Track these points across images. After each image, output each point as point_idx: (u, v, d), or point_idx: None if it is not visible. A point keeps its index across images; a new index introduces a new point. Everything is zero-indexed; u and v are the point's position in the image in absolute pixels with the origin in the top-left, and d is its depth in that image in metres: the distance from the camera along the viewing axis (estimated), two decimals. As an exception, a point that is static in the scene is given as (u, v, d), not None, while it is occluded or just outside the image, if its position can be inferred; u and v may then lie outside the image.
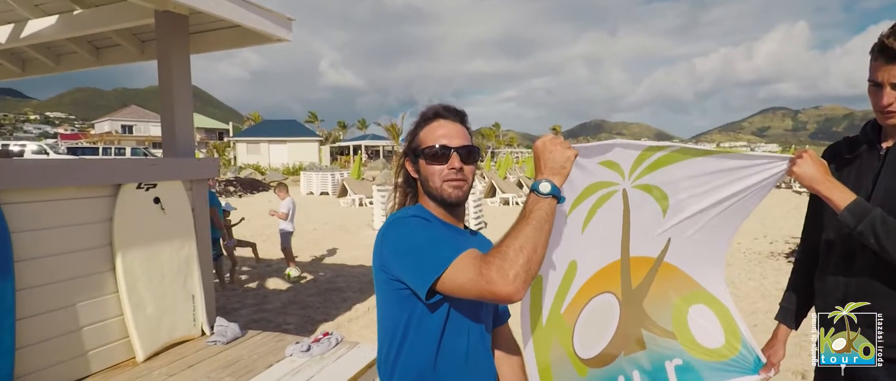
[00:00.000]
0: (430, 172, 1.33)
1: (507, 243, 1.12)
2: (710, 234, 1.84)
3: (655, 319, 1.87)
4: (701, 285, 1.92)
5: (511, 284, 1.07)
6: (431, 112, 1.38)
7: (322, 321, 5.39)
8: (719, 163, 1.66)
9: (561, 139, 1.30)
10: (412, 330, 1.28)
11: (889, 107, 1.46)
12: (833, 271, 1.66)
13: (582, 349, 1.71)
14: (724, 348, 1.92)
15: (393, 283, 1.26)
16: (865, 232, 1.42)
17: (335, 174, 23.69)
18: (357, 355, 2.94)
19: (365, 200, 17.41)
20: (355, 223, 13.00)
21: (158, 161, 3.16)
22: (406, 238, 1.24)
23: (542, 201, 1.19)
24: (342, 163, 43.71)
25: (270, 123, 51.94)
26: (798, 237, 8.05)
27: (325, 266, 8.06)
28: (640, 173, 1.64)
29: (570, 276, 1.64)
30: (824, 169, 1.52)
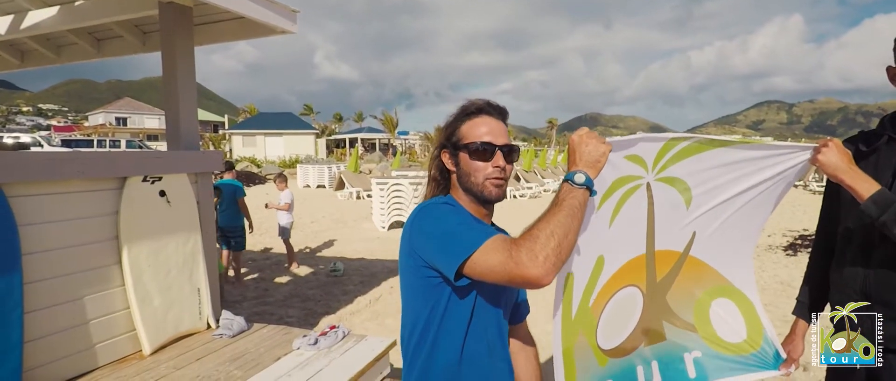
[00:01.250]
0: (473, 167, 1.33)
1: (539, 227, 1.13)
2: (736, 226, 1.83)
3: (678, 312, 1.88)
4: (727, 278, 1.92)
5: (541, 266, 1.07)
6: (475, 106, 1.38)
7: (324, 314, 5.39)
8: (741, 153, 1.65)
9: (596, 134, 1.31)
10: (438, 318, 1.30)
11: None
12: (851, 263, 1.66)
13: (604, 341, 1.72)
14: (746, 342, 1.92)
15: (422, 270, 1.27)
16: (889, 223, 1.42)
17: (332, 167, 23.63)
18: (365, 348, 2.94)
19: (363, 193, 17.39)
20: (353, 217, 12.98)
21: (164, 154, 3.14)
22: (436, 221, 1.26)
23: (576, 191, 1.20)
24: (338, 156, 43.60)
25: (266, 116, 51.69)
26: (795, 231, 8.08)
27: (324, 259, 8.06)
28: (663, 166, 1.63)
29: (597, 270, 1.65)
30: (849, 158, 1.51)
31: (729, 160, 1.66)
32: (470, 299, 1.30)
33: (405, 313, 1.37)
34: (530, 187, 18.78)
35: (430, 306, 1.30)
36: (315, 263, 7.82)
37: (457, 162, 1.36)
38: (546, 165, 25.70)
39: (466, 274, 1.18)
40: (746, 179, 1.69)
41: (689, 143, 1.61)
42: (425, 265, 1.26)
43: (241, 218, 6.64)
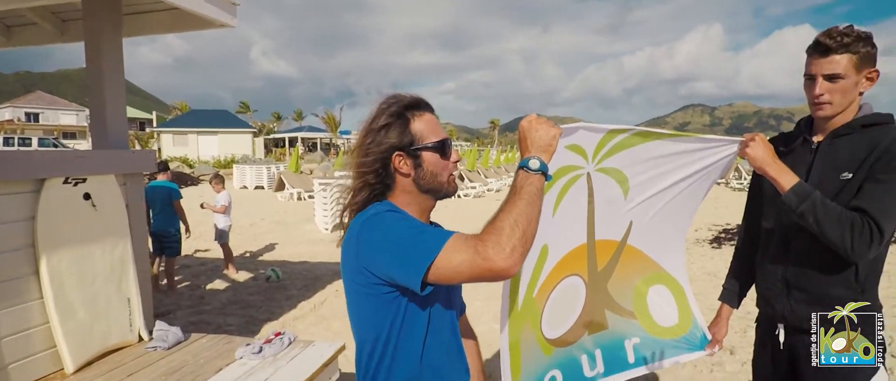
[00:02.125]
0: (440, 166, 1.29)
1: (501, 218, 1.10)
2: (670, 216, 1.92)
3: (618, 300, 1.95)
4: (661, 266, 2.01)
5: (509, 258, 1.05)
6: (416, 102, 1.30)
7: (266, 320, 5.18)
8: (676, 145, 1.75)
9: (545, 119, 1.31)
10: (396, 335, 1.24)
11: (820, 98, 1.60)
12: (773, 254, 1.79)
13: (549, 330, 1.76)
14: (678, 326, 2.03)
15: (375, 287, 1.20)
16: (806, 213, 1.53)
17: (271, 167, 22.85)
18: (313, 354, 2.84)
19: (304, 194, 16.93)
20: (295, 218, 12.60)
21: (88, 154, 2.89)
22: (388, 232, 1.18)
23: (533, 177, 1.18)
24: (278, 155, 42.26)
25: (199, 113, 49.26)
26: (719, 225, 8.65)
27: (265, 263, 7.76)
28: (603, 157, 1.70)
29: (542, 260, 1.68)
30: (773, 152, 1.63)
31: (664, 152, 1.76)
32: (427, 309, 1.26)
33: (358, 332, 1.30)
34: (474, 187, 18.98)
35: (387, 322, 1.23)
36: (255, 267, 7.52)
37: (418, 164, 1.27)
38: (489, 165, 26.05)
39: (432, 281, 1.12)
40: (680, 170, 1.79)
41: (627, 135, 1.68)
42: (379, 282, 1.19)
43: (176, 222, 6.29)
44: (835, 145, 1.65)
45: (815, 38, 1.61)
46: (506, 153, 36.29)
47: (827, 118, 1.65)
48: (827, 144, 1.67)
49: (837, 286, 1.64)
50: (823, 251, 1.59)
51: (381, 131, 1.27)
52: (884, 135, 1.57)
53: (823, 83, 1.59)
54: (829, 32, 1.58)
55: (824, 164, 1.64)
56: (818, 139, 1.70)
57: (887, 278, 6.09)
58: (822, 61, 1.58)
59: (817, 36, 1.61)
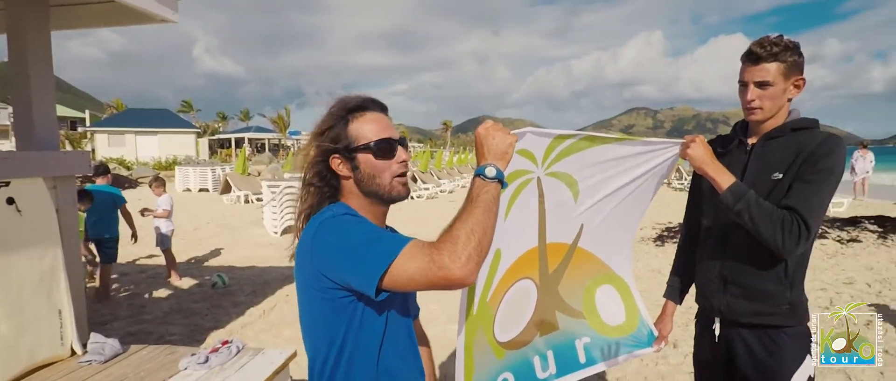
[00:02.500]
0: (378, 168, 1.25)
1: (457, 226, 1.09)
2: (619, 218, 1.98)
3: (568, 301, 1.98)
4: (609, 266, 2.07)
5: (464, 267, 1.05)
6: (358, 103, 1.28)
7: (212, 328, 4.98)
8: (622, 149, 1.81)
9: (501, 125, 1.30)
10: (352, 340, 1.22)
11: (751, 103, 1.69)
12: (711, 250, 1.88)
13: (501, 334, 1.78)
14: (625, 324, 2.09)
15: (330, 292, 1.18)
16: (742, 211, 1.62)
17: (216, 169, 22.00)
18: (262, 362, 2.75)
19: (252, 196, 16.41)
20: (242, 222, 12.19)
21: (11, 155, 2.68)
22: (343, 237, 1.16)
23: (489, 185, 1.18)
24: (223, 157, 40.77)
25: (137, 112, 46.80)
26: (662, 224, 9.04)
27: (211, 269, 7.46)
28: (552, 161, 1.73)
29: (495, 264, 1.70)
30: (711, 153, 1.72)
31: (611, 156, 1.81)
32: (383, 315, 1.24)
33: (311, 341, 1.27)
34: (427, 188, 18.98)
35: (342, 328, 1.21)
36: (200, 273, 7.21)
37: (355, 166, 1.26)
38: (442, 167, 26.13)
39: (386, 287, 1.11)
40: (627, 173, 1.85)
41: (575, 140, 1.72)
42: (334, 286, 1.17)
43: (115, 228, 5.97)
44: (767, 147, 1.75)
45: (748, 47, 1.71)
46: (458, 154, 36.51)
47: (759, 122, 1.75)
48: (760, 146, 1.76)
49: (769, 281, 1.73)
50: (757, 248, 1.68)
51: (322, 134, 1.28)
52: (810, 139, 1.68)
53: (755, 89, 1.68)
54: (761, 42, 1.68)
55: (758, 165, 1.74)
56: (752, 142, 1.79)
57: (812, 272, 6.53)
58: (754, 69, 1.67)
59: (750, 45, 1.70)
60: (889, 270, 6.55)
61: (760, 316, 1.75)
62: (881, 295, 5.50)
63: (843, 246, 7.97)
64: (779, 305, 1.73)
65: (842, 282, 6.03)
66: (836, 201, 11.93)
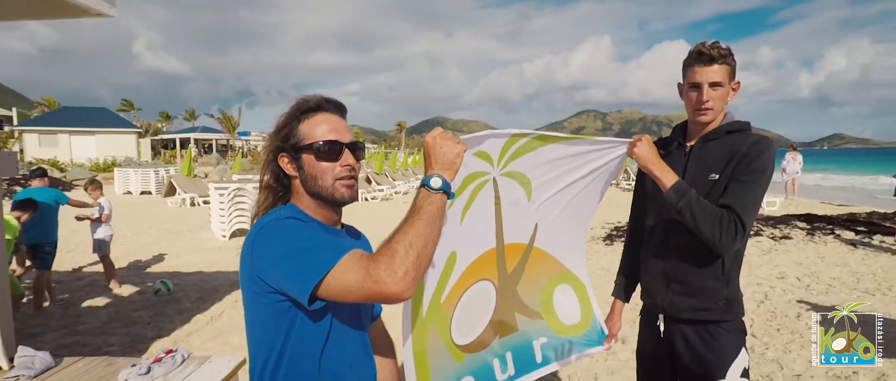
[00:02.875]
0: (320, 170, 1.24)
1: (396, 239, 1.08)
2: (572, 216, 2.01)
3: (527, 302, 1.99)
4: (565, 265, 2.09)
5: (400, 282, 1.03)
6: (312, 103, 1.27)
7: (155, 337, 4.75)
8: (572, 148, 1.85)
9: (450, 134, 1.29)
10: (291, 345, 1.19)
11: (706, 104, 1.75)
12: (655, 248, 1.94)
13: (459, 337, 1.76)
14: (580, 323, 2.12)
15: (269, 296, 1.15)
16: (684, 209, 1.69)
17: (159, 171, 21.06)
18: (209, 370, 2.64)
19: (198, 199, 15.79)
20: (188, 226, 11.71)
21: (-74, 156, 2.47)
22: (282, 241, 1.14)
23: (434, 197, 1.17)
24: (167, 158, 39.03)
25: (71, 111, 44.05)
26: (611, 223, 9.35)
27: (154, 275, 7.12)
28: (507, 161, 1.74)
29: (450, 266, 1.67)
30: (657, 152, 1.79)
31: (562, 154, 1.84)
32: (326, 321, 1.22)
33: (253, 343, 1.24)
34: (382, 190, 18.84)
35: (281, 333, 1.19)
36: (142, 280, 6.87)
37: (299, 166, 1.25)
38: (396, 168, 26.01)
39: (322, 297, 1.09)
40: (577, 170, 1.89)
41: (528, 139, 1.74)
42: (271, 291, 1.15)
43: (54, 234, 5.62)
44: (705, 149, 1.82)
45: (698, 50, 1.76)
46: (413, 155, 36.47)
47: (707, 123, 1.82)
48: (698, 147, 1.84)
49: (708, 278, 1.80)
50: (697, 246, 1.75)
51: (276, 132, 1.28)
52: (743, 141, 1.76)
53: (709, 90, 1.75)
54: (712, 45, 1.75)
55: (696, 166, 1.81)
56: (691, 144, 1.87)
57: (749, 268, 6.91)
58: (708, 70, 1.73)
59: (701, 48, 1.76)
60: (816, 264, 7.01)
61: (700, 312, 1.82)
62: (809, 289, 5.88)
63: (776, 243, 8.47)
64: (716, 301, 1.80)
65: (775, 277, 6.41)
66: (769, 201, 12.69)
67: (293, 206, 1.28)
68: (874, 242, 8.26)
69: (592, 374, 3.81)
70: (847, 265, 6.89)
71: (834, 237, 8.70)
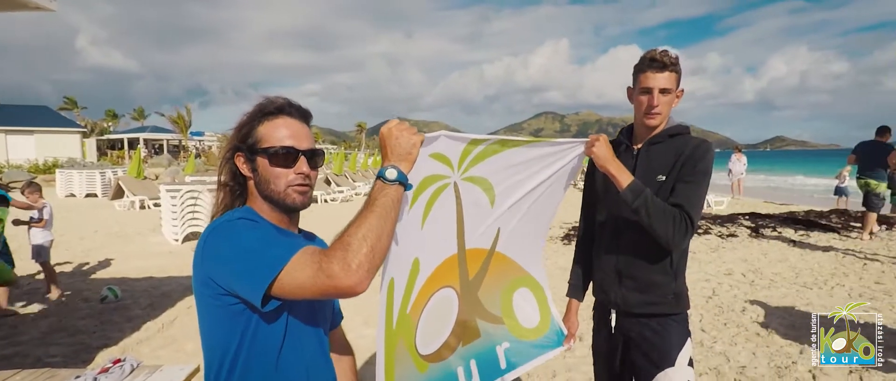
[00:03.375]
0: (273, 174, 1.22)
1: (350, 232, 1.08)
2: (532, 220, 2.01)
3: (488, 307, 1.98)
4: (525, 269, 2.10)
5: (354, 275, 1.03)
6: (274, 106, 1.26)
7: (101, 347, 4.54)
8: (532, 151, 1.86)
9: (407, 125, 1.28)
10: (246, 348, 1.17)
11: (656, 108, 1.83)
12: (606, 247, 2.00)
13: (423, 347, 1.73)
14: (539, 326, 2.13)
15: (221, 298, 1.13)
16: (640, 208, 1.75)
17: (106, 172, 20.15)
18: (161, 379, 2.55)
19: (148, 202, 15.17)
20: (137, 229, 11.23)
21: None
22: (232, 242, 1.12)
23: (389, 188, 1.17)
24: (114, 159, 37.31)
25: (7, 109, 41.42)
26: (569, 223, 9.52)
27: (100, 282, 6.80)
28: (468, 166, 1.72)
29: (414, 274, 1.64)
30: (613, 152, 1.85)
31: (523, 159, 1.85)
32: (281, 322, 1.20)
33: (207, 347, 1.22)
34: (341, 191, 18.61)
35: (236, 336, 1.17)
36: (87, 287, 6.55)
37: (254, 168, 1.24)
38: (357, 169, 25.74)
39: (276, 296, 1.08)
40: (539, 174, 1.90)
41: (487, 144, 1.74)
42: (224, 293, 1.13)
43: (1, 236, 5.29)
44: (651, 152, 1.91)
45: (651, 56, 1.83)
46: (374, 156, 36.17)
47: (655, 126, 1.90)
48: (645, 150, 1.92)
49: (658, 273, 1.88)
50: (647, 242, 1.82)
51: (236, 131, 1.27)
52: (685, 143, 1.86)
53: (660, 95, 1.83)
54: (663, 53, 1.82)
55: (644, 167, 1.89)
56: (637, 147, 1.95)
57: (698, 264, 7.21)
58: (660, 76, 1.81)
59: (654, 55, 1.83)
60: (760, 260, 7.38)
61: (650, 306, 1.90)
62: (754, 284, 6.18)
63: (723, 240, 8.86)
64: (665, 295, 1.89)
65: (722, 273, 6.71)
66: (717, 201, 13.27)
67: (248, 208, 1.26)
68: (811, 239, 8.76)
69: (551, 371, 3.89)
70: (787, 261, 7.28)
71: (776, 235, 9.18)
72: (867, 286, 5.92)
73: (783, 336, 4.40)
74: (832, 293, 5.68)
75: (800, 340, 4.32)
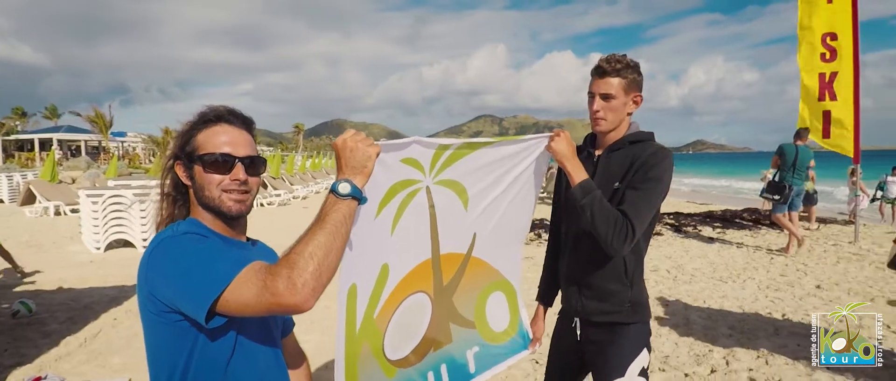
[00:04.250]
0: (207, 180, 1.22)
1: (297, 249, 1.05)
2: (507, 224, 2.00)
3: (462, 311, 1.96)
4: (501, 272, 2.08)
5: (299, 293, 1.00)
6: (214, 114, 1.26)
7: (14, 366, 4.21)
8: (498, 150, 1.84)
9: (363, 136, 1.26)
10: (195, 363, 1.16)
11: (596, 113, 1.85)
12: (567, 257, 2.02)
13: (392, 352, 1.71)
14: (508, 329, 2.14)
15: (166, 315, 1.12)
16: (586, 206, 1.75)
17: (14, 176, 18.54)
18: (88, 398, 2.43)
19: (65, 208, 14.10)
20: (52, 238, 10.42)
21: None
22: (175, 259, 1.11)
23: (341, 203, 1.14)
24: (23, 161, 34.31)
25: None
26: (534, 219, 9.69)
27: (10, 295, 6.27)
28: (439, 169, 1.70)
29: (382, 279, 1.61)
30: (573, 149, 1.86)
31: (491, 158, 1.83)
32: (230, 336, 1.19)
33: (153, 362, 1.20)
34: (278, 195, 18.09)
35: (184, 351, 1.16)
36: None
37: (191, 175, 1.24)
38: (294, 172, 25.10)
39: (221, 313, 1.06)
40: (509, 173, 1.89)
41: (454, 149, 1.71)
42: (168, 310, 1.11)
43: None
44: (610, 158, 1.90)
45: (596, 62, 1.86)
46: (312, 159, 35.36)
47: (603, 132, 1.91)
48: (605, 157, 1.91)
49: (613, 282, 1.89)
50: (602, 251, 1.79)
51: (177, 139, 1.28)
52: (643, 150, 1.83)
53: (599, 101, 1.84)
54: (608, 58, 1.84)
55: (602, 174, 1.88)
56: (598, 153, 1.95)
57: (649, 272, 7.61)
58: (600, 82, 1.83)
59: (599, 60, 1.86)
60: (682, 257, 7.91)
61: (608, 315, 1.91)
62: (676, 279, 6.63)
63: (651, 239, 9.43)
64: (622, 303, 1.90)
65: (650, 270, 7.12)
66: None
67: (193, 220, 1.26)
68: (726, 236, 9.49)
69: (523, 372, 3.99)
70: (706, 257, 7.86)
71: (696, 233, 9.86)
72: (773, 279, 6.50)
73: (701, 327, 4.77)
74: (744, 286, 6.20)
75: (715, 329, 4.70)
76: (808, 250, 7.99)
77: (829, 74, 8.32)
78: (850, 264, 7.05)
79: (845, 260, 7.31)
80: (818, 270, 6.83)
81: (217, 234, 1.24)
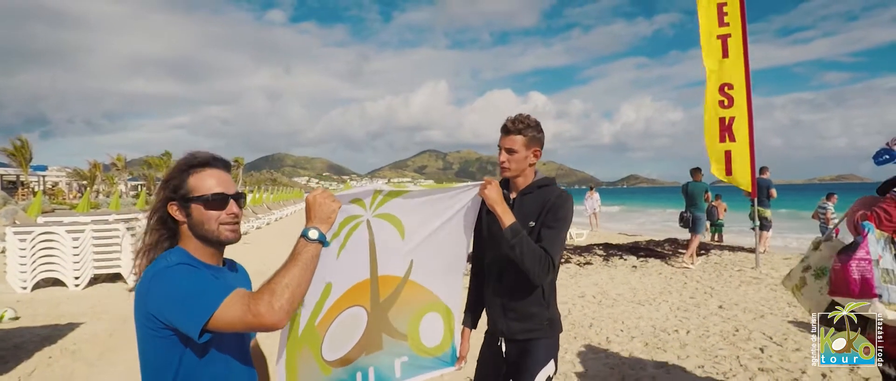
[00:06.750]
0: (206, 217, 1.47)
1: (276, 280, 1.32)
2: (444, 254, 2.33)
3: (395, 325, 2.30)
4: (438, 296, 2.42)
5: (276, 315, 1.27)
6: (200, 161, 1.52)
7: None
8: (431, 195, 2.21)
9: (330, 194, 1.59)
10: (183, 370, 1.43)
11: (503, 164, 2.20)
12: (493, 285, 2.29)
13: (329, 353, 2.08)
14: (440, 346, 2.47)
15: (161, 331, 1.39)
16: (516, 245, 2.01)
17: (-79, 213, 17.05)
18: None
19: (-19, 246, 13.18)
20: (-31, 278, 9.81)
21: None
22: (176, 285, 1.36)
23: (310, 245, 1.41)
24: (-73, 197, 31.34)
25: None
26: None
27: (-70, 338, 5.97)
28: (378, 205, 2.09)
29: (325, 295, 2.00)
30: (502, 195, 2.13)
31: (423, 200, 2.20)
32: (211, 347, 1.46)
33: (146, 372, 1.46)
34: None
35: (174, 362, 1.41)
36: (-87, 345, 5.73)
37: (188, 213, 1.48)
38: (234, 207, 24.37)
39: (210, 330, 1.32)
40: (443, 213, 2.24)
41: (386, 192, 2.09)
42: (163, 327, 1.38)
43: None
44: (524, 201, 2.19)
45: (504, 121, 2.17)
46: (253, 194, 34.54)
47: (510, 178, 2.21)
48: (519, 199, 2.20)
49: (534, 305, 2.17)
50: (524, 279, 2.09)
51: (165, 183, 1.53)
52: (550, 193, 2.15)
53: (504, 153, 2.15)
54: (513, 119, 2.14)
55: (519, 214, 2.13)
56: (513, 196, 2.23)
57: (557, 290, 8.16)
58: (505, 138, 2.15)
59: (506, 120, 2.16)
60: (608, 284, 8.58)
61: (529, 333, 2.19)
62: (601, 304, 7.24)
63: (580, 268, 10.10)
64: (541, 322, 2.18)
65: (577, 296, 7.72)
66: (578, 233, 14.97)
67: (181, 250, 1.50)
68: (648, 265, 10.34)
69: None
70: (629, 283, 8.57)
71: (623, 262, 10.66)
72: (684, 300, 7.25)
73: (620, 345, 5.33)
74: (658, 308, 6.89)
75: (633, 345, 5.28)
76: (716, 274, 8.91)
77: (729, 119, 9.44)
78: (750, 287, 7.95)
79: (746, 284, 8.22)
80: (722, 292, 7.67)
81: (202, 262, 1.50)
